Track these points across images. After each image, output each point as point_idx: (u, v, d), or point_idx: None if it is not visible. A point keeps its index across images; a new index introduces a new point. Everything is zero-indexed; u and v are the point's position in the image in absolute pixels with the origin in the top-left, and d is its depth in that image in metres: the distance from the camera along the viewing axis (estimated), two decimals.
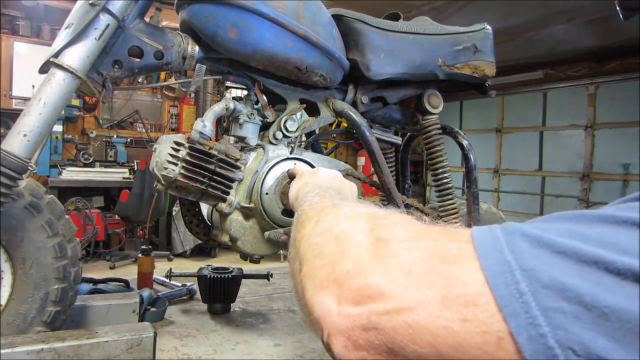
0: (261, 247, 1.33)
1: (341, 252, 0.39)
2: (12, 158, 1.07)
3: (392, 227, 0.39)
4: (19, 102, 4.98)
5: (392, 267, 0.34)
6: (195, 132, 1.24)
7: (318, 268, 0.40)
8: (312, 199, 0.60)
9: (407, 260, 0.34)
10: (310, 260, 0.42)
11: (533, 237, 0.31)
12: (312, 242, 0.44)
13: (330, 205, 0.52)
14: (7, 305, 1.20)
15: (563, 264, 0.29)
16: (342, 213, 0.46)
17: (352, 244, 0.39)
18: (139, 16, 1.22)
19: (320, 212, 0.50)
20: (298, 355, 1.52)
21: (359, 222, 0.41)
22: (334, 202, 0.55)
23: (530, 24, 4.25)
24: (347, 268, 0.36)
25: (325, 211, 0.50)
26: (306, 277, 0.41)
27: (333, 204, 0.52)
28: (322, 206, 0.53)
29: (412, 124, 1.69)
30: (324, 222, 0.46)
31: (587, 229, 0.31)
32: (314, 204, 0.56)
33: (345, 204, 0.51)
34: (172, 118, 6.41)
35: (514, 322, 0.28)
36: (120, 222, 5.10)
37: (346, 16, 1.45)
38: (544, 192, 6.09)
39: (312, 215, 0.51)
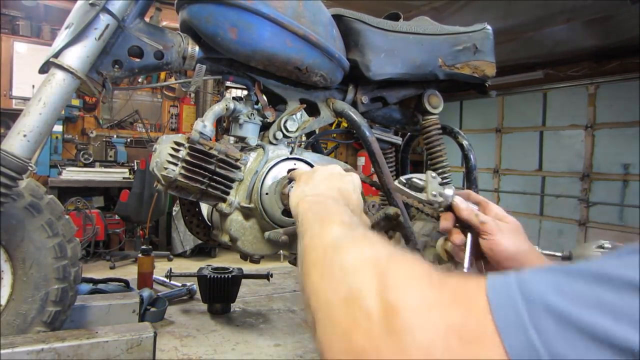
0: (261, 247, 1.33)
1: (352, 320, 0.38)
2: (12, 158, 1.07)
3: (402, 288, 0.37)
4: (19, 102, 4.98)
5: (409, 347, 0.33)
6: (195, 132, 1.24)
7: (333, 338, 0.39)
8: (313, 225, 0.58)
9: (424, 338, 0.33)
10: (323, 323, 0.41)
11: (559, 313, 0.29)
12: (321, 300, 0.43)
13: (331, 247, 0.49)
14: (7, 305, 1.20)
15: (595, 350, 0.27)
16: (347, 264, 0.44)
17: (363, 312, 0.38)
18: (139, 16, 1.22)
19: (324, 258, 0.48)
20: (298, 355, 1.52)
21: (365, 279, 0.40)
22: (334, 237, 0.52)
23: (530, 24, 4.25)
24: (362, 345, 0.36)
25: (329, 257, 0.48)
26: (323, 344, 0.40)
27: (334, 246, 0.50)
28: (324, 245, 0.51)
29: (412, 124, 1.69)
30: (329, 276, 0.45)
31: (618, 298, 0.28)
32: (315, 237, 0.54)
33: (346, 243, 0.49)
34: (172, 118, 6.41)
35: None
36: (120, 222, 5.10)
37: (346, 16, 1.45)
38: (544, 192, 6.09)
39: (315, 259, 0.49)
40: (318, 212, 0.62)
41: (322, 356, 0.40)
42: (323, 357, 0.40)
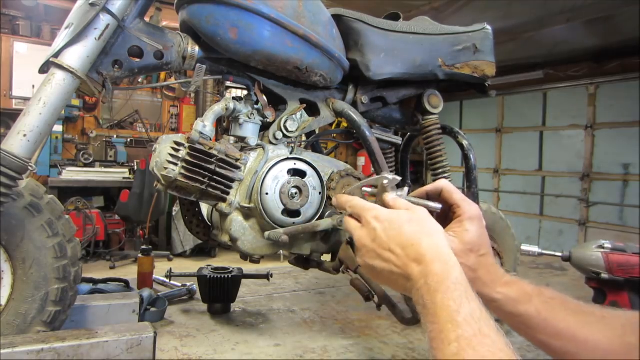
0: (261, 247, 1.33)
1: None
2: (12, 158, 1.07)
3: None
4: (19, 102, 4.99)
5: None
6: (195, 132, 1.24)
7: None
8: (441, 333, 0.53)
9: None
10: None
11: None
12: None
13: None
14: (7, 305, 1.20)
15: None
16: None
17: None
18: (139, 16, 1.22)
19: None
20: (298, 355, 1.52)
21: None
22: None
23: (530, 24, 4.26)
24: None
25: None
26: None
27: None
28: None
29: (412, 124, 1.69)
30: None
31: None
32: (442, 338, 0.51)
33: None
34: (172, 118, 6.41)
35: None
36: (120, 222, 5.11)
37: (346, 16, 1.45)
38: (544, 192, 6.09)
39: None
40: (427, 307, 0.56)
41: None
42: None
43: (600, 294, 1.71)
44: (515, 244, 1.93)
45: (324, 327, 1.78)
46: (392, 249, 0.64)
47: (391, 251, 0.64)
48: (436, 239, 0.63)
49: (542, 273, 2.94)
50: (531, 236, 6.09)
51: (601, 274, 1.65)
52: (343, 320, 1.86)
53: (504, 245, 1.86)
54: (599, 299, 1.71)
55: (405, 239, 0.63)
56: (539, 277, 2.82)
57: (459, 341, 0.51)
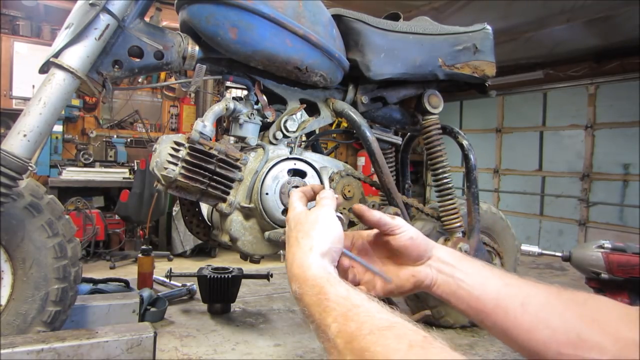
0: (261, 247, 1.33)
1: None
2: (12, 158, 1.07)
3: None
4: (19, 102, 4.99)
5: None
6: (195, 132, 1.24)
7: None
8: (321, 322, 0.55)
9: None
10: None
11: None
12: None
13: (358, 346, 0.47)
14: (7, 305, 1.20)
15: None
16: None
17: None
18: (139, 16, 1.22)
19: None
20: (298, 355, 1.52)
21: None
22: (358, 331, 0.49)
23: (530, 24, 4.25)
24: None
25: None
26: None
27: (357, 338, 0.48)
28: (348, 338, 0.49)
29: (412, 124, 1.69)
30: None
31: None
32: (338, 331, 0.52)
33: (368, 340, 0.47)
34: (172, 118, 6.41)
35: None
36: (120, 222, 5.11)
37: (346, 16, 1.45)
38: (544, 192, 6.09)
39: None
40: (329, 299, 0.57)
41: None
42: None
43: (600, 294, 1.71)
44: (515, 244, 1.94)
45: None
46: (286, 249, 0.69)
47: (286, 252, 0.69)
48: (303, 241, 0.66)
49: (542, 273, 2.94)
50: (531, 236, 6.09)
51: (601, 274, 1.65)
52: None
53: (504, 245, 1.86)
54: None
55: (290, 241, 0.69)
56: (539, 277, 2.82)
57: (337, 321, 0.53)
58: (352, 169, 1.46)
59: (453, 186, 1.63)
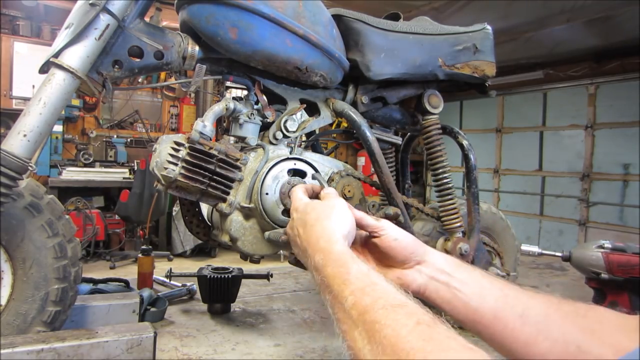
0: (261, 247, 1.33)
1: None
2: (12, 158, 1.07)
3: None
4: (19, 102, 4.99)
5: None
6: (196, 132, 1.24)
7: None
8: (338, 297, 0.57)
9: None
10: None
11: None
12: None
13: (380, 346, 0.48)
14: (8, 305, 1.20)
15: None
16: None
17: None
18: (139, 16, 1.22)
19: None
20: (298, 355, 1.52)
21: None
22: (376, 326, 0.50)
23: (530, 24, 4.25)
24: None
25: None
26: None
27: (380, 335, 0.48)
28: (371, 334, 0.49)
29: (412, 124, 1.69)
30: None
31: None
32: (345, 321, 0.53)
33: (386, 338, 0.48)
34: (172, 118, 6.41)
35: None
36: (120, 222, 5.11)
37: (346, 16, 1.45)
38: (544, 192, 6.09)
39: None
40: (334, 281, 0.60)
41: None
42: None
43: (600, 294, 1.71)
44: (515, 244, 1.94)
45: (324, 327, 1.78)
46: (299, 232, 0.75)
47: (298, 235, 0.75)
48: (326, 222, 0.71)
49: (542, 273, 2.94)
50: (531, 236, 6.09)
51: (601, 274, 1.65)
52: None
53: (504, 245, 1.86)
54: (599, 299, 1.71)
55: (307, 223, 0.73)
56: (539, 277, 2.83)
57: (354, 294, 0.55)
58: (352, 169, 1.46)
59: (453, 186, 1.63)
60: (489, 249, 1.73)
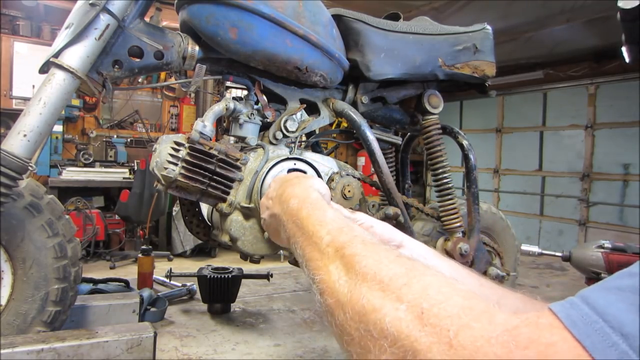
0: (261, 247, 1.33)
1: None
2: (12, 158, 1.07)
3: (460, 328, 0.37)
4: (19, 102, 4.99)
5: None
6: (196, 132, 1.24)
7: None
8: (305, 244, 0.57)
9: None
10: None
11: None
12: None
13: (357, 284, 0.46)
14: (7, 305, 1.20)
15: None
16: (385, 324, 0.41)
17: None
18: (139, 16, 1.22)
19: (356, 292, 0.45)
20: (298, 355, 1.52)
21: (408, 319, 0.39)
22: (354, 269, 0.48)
23: (530, 24, 4.25)
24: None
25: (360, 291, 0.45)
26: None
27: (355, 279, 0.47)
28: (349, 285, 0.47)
29: (412, 124, 1.69)
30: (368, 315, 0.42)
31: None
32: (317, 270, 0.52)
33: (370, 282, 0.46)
34: (172, 118, 6.41)
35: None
36: (120, 222, 5.11)
37: (346, 16, 1.45)
38: (544, 192, 6.09)
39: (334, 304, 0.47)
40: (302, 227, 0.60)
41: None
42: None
43: None
44: (515, 244, 1.94)
45: (324, 327, 1.78)
46: (272, 196, 0.78)
47: (271, 198, 0.78)
48: (302, 178, 0.76)
49: (542, 273, 2.94)
50: (531, 236, 6.09)
51: (601, 273, 1.65)
52: None
53: (504, 245, 1.86)
54: None
55: (281, 188, 0.75)
56: (539, 277, 2.83)
57: (330, 233, 0.55)
58: (352, 169, 1.46)
59: (453, 186, 1.63)
60: (489, 249, 1.73)
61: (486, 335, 0.36)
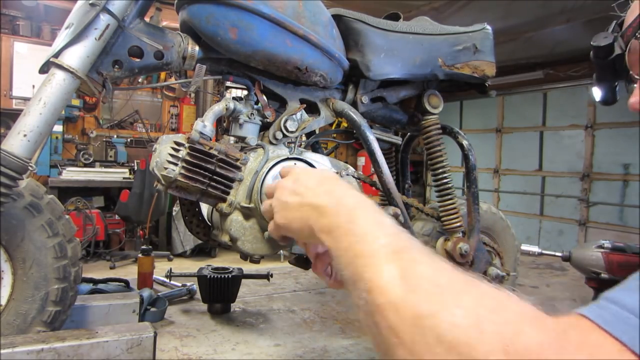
0: (261, 247, 1.33)
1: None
2: (12, 158, 1.07)
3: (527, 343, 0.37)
4: (19, 102, 4.99)
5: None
6: (196, 132, 1.24)
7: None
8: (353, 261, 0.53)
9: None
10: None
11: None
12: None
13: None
14: (7, 305, 1.20)
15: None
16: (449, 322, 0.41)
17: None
18: (139, 16, 1.22)
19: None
20: (298, 355, 1.52)
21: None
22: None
23: (530, 24, 4.26)
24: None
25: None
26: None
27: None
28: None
29: (412, 124, 1.69)
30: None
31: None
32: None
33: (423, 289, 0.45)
34: (172, 118, 6.41)
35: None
36: (120, 222, 5.11)
37: (346, 16, 1.45)
38: (544, 192, 6.09)
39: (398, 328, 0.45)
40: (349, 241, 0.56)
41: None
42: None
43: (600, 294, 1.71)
44: (515, 244, 1.94)
45: (324, 327, 1.78)
46: (306, 184, 0.69)
47: (305, 187, 0.69)
48: (344, 184, 0.69)
49: (542, 273, 2.94)
50: (531, 236, 6.09)
51: (601, 273, 1.65)
52: (343, 320, 1.86)
53: (504, 245, 1.86)
54: None
55: (318, 179, 0.70)
56: (539, 277, 2.83)
57: (389, 236, 0.53)
58: (352, 169, 1.46)
59: (453, 186, 1.63)
60: (489, 249, 1.73)
61: (540, 341, 0.37)
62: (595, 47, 0.79)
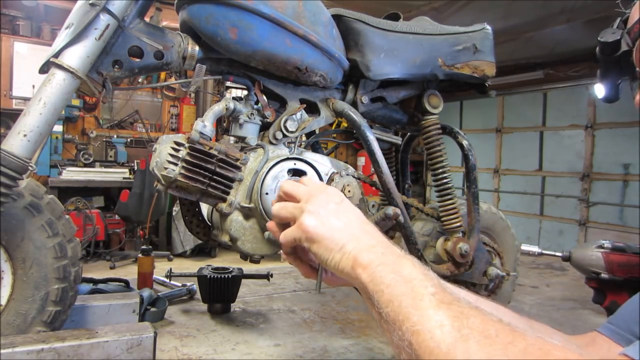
0: (261, 247, 1.33)
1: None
2: (12, 158, 1.07)
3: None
4: (19, 102, 4.99)
5: None
6: (196, 132, 1.24)
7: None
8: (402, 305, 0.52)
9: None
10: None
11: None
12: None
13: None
14: (7, 305, 1.20)
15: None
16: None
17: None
18: (139, 16, 1.22)
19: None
20: (298, 355, 1.52)
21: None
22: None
23: (530, 24, 4.26)
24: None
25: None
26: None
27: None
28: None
29: (412, 124, 1.69)
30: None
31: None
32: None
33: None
34: (172, 118, 6.41)
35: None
36: (120, 222, 5.11)
37: (346, 16, 1.45)
38: (544, 192, 6.10)
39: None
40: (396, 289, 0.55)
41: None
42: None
43: (600, 294, 1.71)
44: (515, 244, 1.94)
45: (324, 327, 1.78)
46: (351, 214, 0.67)
47: (349, 216, 0.66)
48: (367, 224, 0.66)
49: (542, 273, 2.94)
50: (531, 236, 6.09)
51: (601, 274, 1.65)
52: (343, 320, 1.86)
53: (504, 245, 1.86)
54: (599, 299, 1.71)
55: (360, 215, 0.67)
56: (539, 277, 2.83)
57: (435, 286, 0.53)
58: (352, 169, 1.46)
59: (453, 186, 1.63)
60: (489, 249, 1.73)
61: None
62: (602, 43, 0.79)
